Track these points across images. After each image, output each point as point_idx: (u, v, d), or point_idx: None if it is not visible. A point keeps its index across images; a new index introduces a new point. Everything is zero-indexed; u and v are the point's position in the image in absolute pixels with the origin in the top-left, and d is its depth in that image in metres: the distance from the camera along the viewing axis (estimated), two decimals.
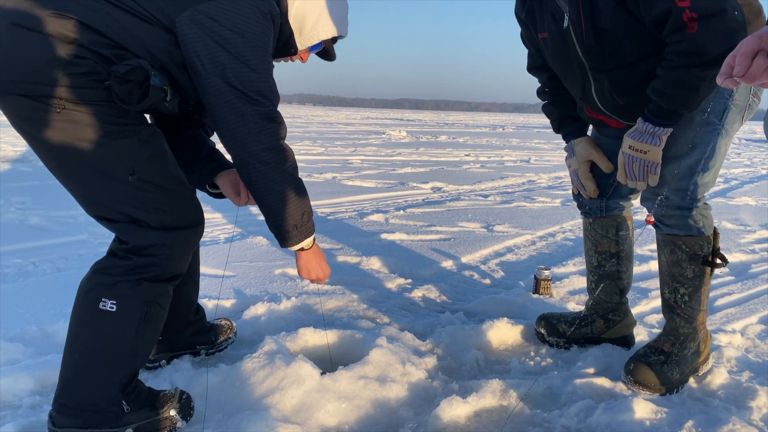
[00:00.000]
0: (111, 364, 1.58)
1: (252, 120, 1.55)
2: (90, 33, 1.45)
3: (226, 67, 1.52)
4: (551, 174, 8.69)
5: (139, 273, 1.59)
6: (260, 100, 1.56)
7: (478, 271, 3.39)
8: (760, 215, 5.28)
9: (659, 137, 1.81)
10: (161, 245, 1.60)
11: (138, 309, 1.60)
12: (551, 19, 1.98)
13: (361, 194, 6.14)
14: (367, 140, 15.26)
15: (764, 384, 2.04)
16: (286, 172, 1.63)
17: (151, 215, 1.58)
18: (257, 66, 1.56)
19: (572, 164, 2.27)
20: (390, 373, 1.90)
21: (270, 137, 1.58)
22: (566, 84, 2.13)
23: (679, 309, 2.00)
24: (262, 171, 1.60)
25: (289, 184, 1.64)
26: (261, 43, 1.58)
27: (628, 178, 1.92)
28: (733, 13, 1.64)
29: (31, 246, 3.54)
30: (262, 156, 1.58)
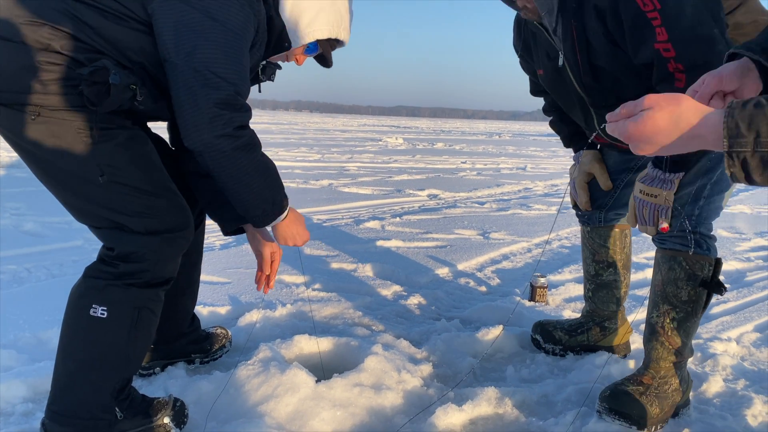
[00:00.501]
0: (103, 371, 1.57)
1: (205, 105, 1.45)
2: (64, 38, 1.45)
3: (194, 49, 1.46)
4: (547, 181, 8.71)
5: (127, 279, 1.58)
6: (220, 83, 1.46)
7: (474, 279, 3.39)
8: (756, 223, 5.30)
9: (671, 182, 1.74)
10: (146, 251, 1.58)
11: (129, 314, 1.58)
12: (545, 56, 1.97)
13: (358, 201, 6.14)
14: (364, 147, 15.27)
15: (760, 392, 2.04)
16: (246, 159, 1.54)
17: (134, 220, 1.56)
18: (226, 50, 1.49)
19: (573, 173, 2.27)
20: (385, 381, 1.89)
21: (225, 124, 1.47)
22: (569, 114, 2.11)
23: (664, 336, 1.85)
24: (218, 159, 1.51)
25: (251, 170, 1.56)
26: (234, 28, 1.51)
27: (638, 223, 1.83)
28: (721, 63, 1.61)
29: (25, 252, 3.52)
30: (216, 144, 1.47)
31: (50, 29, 1.44)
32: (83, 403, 1.56)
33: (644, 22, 1.64)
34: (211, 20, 1.48)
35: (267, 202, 1.64)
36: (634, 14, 1.64)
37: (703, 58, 1.60)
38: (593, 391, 1.96)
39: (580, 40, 1.78)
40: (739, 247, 4.31)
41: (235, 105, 1.50)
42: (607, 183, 2.19)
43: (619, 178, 2.19)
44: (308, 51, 1.80)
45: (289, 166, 9.32)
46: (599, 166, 2.18)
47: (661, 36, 1.62)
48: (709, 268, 1.81)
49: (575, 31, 1.78)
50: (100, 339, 1.57)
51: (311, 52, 1.81)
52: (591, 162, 2.20)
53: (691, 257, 1.81)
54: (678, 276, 1.82)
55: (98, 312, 1.55)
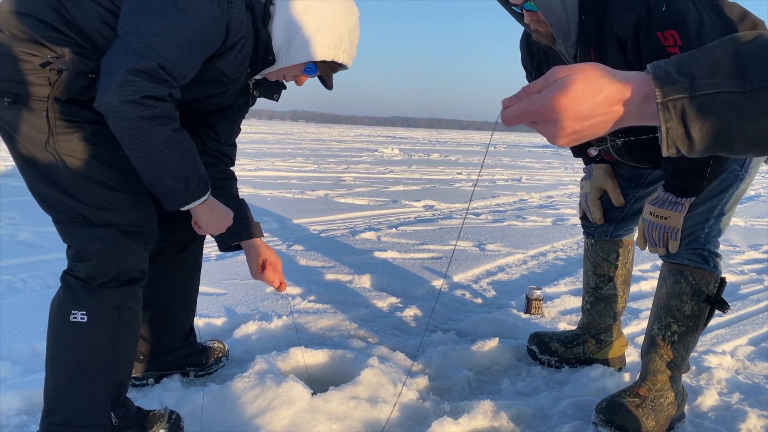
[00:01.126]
0: (93, 375, 1.57)
1: (118, 69, 1.39)
2: (46, 29, 1.47)
3: (140, 24, 1.44)
4: (542, 193, 8.74)
5: (98, 279, 1.57)
6: (145, 52, 1.40)
7: (469, 291, 3.39)
8: (750, 236, 5.33)
9: (682, 204, 1.76)
10: (101, 245, 1.56)
11: (109, 315, 1.58)
12: None
13: (354, 212, 6.14)
14: (360, 157, 15.30)
15: (754, 406, 2.05)
16: (153, 131, 1.44)
17: (93, 211, 1.55)
18: (172, 31, 1.45)
19: (584, 187, 2.28)
20: (381, 394, 1.89)
21: (133, 91, 1.39)
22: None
23: (663, 349, 1.86)
24: (122, 125, 1.42)
25: (160, 143, 1.46)
26: (193, 20, 1.48)
27: (648, 244, 1.85)
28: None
29: (20, 262, 3.51)
30: (121, 109, 1.39)
31: (33, 20, 1.47)
32: (77, 411, 1.55)
33: (664, 56, 1.63)
34: (173, 8, 1.47)
35: (179, 181, 1.53)
36: (654, 47, 1.64)
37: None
38: (589, 404, 1.96)
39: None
40: (734, 260, 4.34)
41: (154, 75, 1.43)
42: (620, 199, 2.20)
43: (630, 193, 2.20)
44: (308, 72, 1.74)
45: (285, 176, 9.33)
46: (612, 182, 2.19)
47: None
48: (715, 284, 1.83)
49: (594, 57, 1.78)
50: (84, 344, 1.57)
51: (311, 73, 1.75)
52: (603, 177, 2.21)
53: (698, 272, 1.82)
54: (683, 290, 1.83)
55: (78, 317, 1.55)
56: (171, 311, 2.05)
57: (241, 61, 1.68)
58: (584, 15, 1.76)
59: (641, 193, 2.18)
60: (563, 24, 1.77)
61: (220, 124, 1.96)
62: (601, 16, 1.73)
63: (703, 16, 1.61)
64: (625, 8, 1.68)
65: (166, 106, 1.46)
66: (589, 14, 1.75)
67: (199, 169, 1.57)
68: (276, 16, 1.67)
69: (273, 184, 8.12)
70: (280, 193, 7.33)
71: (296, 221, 5.40)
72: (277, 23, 1.67)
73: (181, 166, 1.52)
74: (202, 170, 1.59)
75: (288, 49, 1.68)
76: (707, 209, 1.81)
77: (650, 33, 1.63)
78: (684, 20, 1.60)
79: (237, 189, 2.04)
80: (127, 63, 1.39)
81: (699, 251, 1.83)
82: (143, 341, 2.02)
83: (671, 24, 1.61)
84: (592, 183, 2.24)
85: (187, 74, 1.52)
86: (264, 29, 1.66)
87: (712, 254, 1.84)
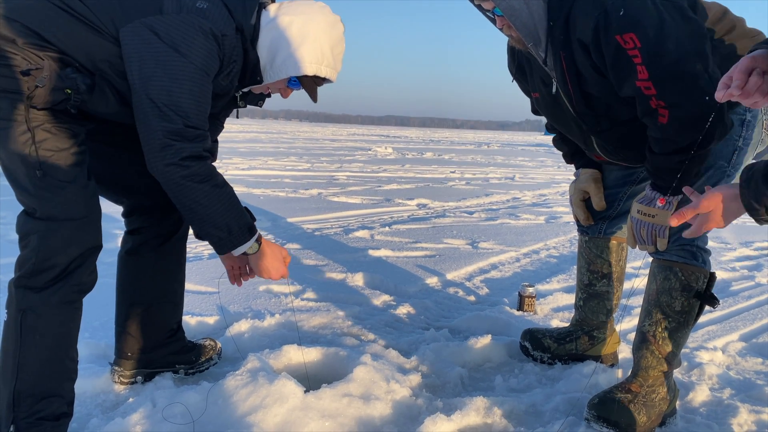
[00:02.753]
0: (4, 379, 1.58)
1: (156, 136, 1.57)
2: (30, 36, 1.52)
3: (150, 79, 1.56)
4: (535, 191, 8.76)
5: (19, 270, 1.60)
6: (172, 116, 1.57)
7: (462, 288, 3.39)
8: (740, 233, 5.36)
9: (669, 203, 1.76)
10: (34, 234, 1.58)
11: (15, 317, 1.59)
12: (540, 82, 1.98)
13: (347, 210, 6.14)
14: (353, 156, 15.29)
15: (745, 401, 2.06)
16: (196, 188, 1.62)
17: (41, 204, 1.58)
18: (183, 82, 1.58)
19: (570, 189, 2.30)
20: (374, 391, 1.89)
21: (173, 154, 1.58)
22: (568, 136, 2.12)
23: (654, 345, 1.86)
24: (169, 187, 1.63)
25: (202, 198, 1.64)
26: (195, 61, 1.59)
27: (637, 242, 1.86)
28: (704, 99, 1.59)
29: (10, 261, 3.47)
30: (166, 172, 1.60)
31: (20, 26, 1.52)
32: None
33: (625, 59, 1.64)
34: (175, 52, 1.56)
35: (222, 230, 1.70)
36: (615, 51, 1.65)
37: (684, 95, 1.61)
38: (581, 400, 1.97)
39: (570, 70, 1.79)
40: (725, 257, 4.36)
41: (186, 136, 1.60)
42: (600, 203, 2.21)
43: (621, 191, 2.21)
44: (291, 85, 1.82)
45: (278, 175, 9.31)
46: (595, 186, 2.21)
47: (642, 74, 1.63)
48: (704, 280, 1.84)
49: (564, 61, 1.78)
50: (2, 345, 1.60)
51: (295, 86, 1.82)
52: (587, 181, 2.22)
53: (687, 268, 1.83)
54: (673, 286, 1.84)
55: (3, 316, 1.61)
56: (155, 306, 2.04)
57: (230, 81, 1.77)
58: (552, 20, 1.76)
59: (632, 191, 2.19)
60: (530, 29, 1.78)
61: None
62: (566, 20, 1.74)
63: (665, 18, 1.62)
64: (585, 13, 1.68)
65: (203, 164, 1.64)
66: (556, 19, 1.75)
67: (240, 218, 1.73)
68: (261, 35, 1.75)
69: (266, 183, 8.10)
70: (273, 192, 7.32)
71: (290, 220, 5.39)
72: (262, 41, 1.75)
73: (221, 216, 1.68)
74: (245, 218, 1.75)
75: (272, 65, 1.76)
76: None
77: (609, 37, 1.64)
78: (642, 23, 1.61)
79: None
80: (158, 127, 1.56)
81: (687, 247, 1.84)
82: (129, 336, 2.02)
83: (629, 27, 1.61)
84: (576, 185, 2.26)
85: (206, 112, 1.67)
86: (253, 50, 1.75)
87: (700, 250, 1.85)
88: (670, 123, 1.64)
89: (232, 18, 1.67)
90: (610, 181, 2.23)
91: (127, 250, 2.02)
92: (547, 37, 1.79)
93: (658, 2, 1.64)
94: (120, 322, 2.03)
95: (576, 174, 2.30)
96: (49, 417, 1.59)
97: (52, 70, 1.53)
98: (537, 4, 1.75)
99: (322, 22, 1.75)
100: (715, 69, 1.63)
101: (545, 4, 1.76)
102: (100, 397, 1.95)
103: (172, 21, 1.58)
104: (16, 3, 1.55)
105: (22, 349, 1.57)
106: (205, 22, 1.60)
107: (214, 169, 1.69)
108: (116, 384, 2.02)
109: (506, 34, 1.89)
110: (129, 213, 2.01)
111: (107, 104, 1.65)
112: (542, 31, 1.78)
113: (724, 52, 1.74)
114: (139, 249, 2.00)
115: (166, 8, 1.61)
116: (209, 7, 1.64)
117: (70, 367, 1.66)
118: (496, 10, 1.78)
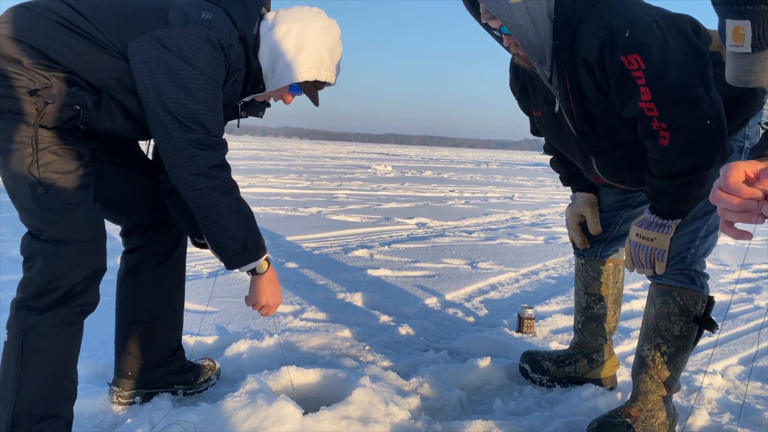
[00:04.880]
0: (3, 400, 1.57)
1: (182, 146, 1.60)
2: (37, 56, 1.54)
3: (165, 93, 1.58)
4: (534, 211, 8.78)
5: (21, 293, 1.59)
6: (193, 126, 1.60)
7: (462, 309, 3.39)
8: (740, 255, 5.36)
9: (668, 226, 1.77)
10: (39, 257, 1.58)
11: (16, 337, 1.58)
12: (543, 101, 1.99)
13: (346, 229, 6.14)
14: (353, 174, 15.33)
15: (745, 426, 2.05)
16: (220, 200, 1.66)
17: (47, 227, 1.58)
18: (197, 93, 1.60)
19: (566, 213, 2.31)
20: (373, 414, 1.88)
21: (200, 163, 1.62)
22: (568, 156, 2.13)
23: (653, 369, 1.87)
24: (194, 196, 1.65)
25: (224, 210, 1.67)
26: (206, 71, 1.61)
27: (635, 266, 1.86)
28: (705, 122, 1.60)
29: (10, 279, 3.48)
30: (192, 181, 1.62)
31: (26, 46, 1.54)
32: None
33: (629, 80, 1.66)
34: (184, 63, 1.58)
35: (237, 243, 1.72)
36: (619, 72, 1.67)
37: (685, 118, 1.62)
38: (580, 423, 1.96)
39: (573, 89, 1.80)
40: (724, 279, 4.36)
41: (209, 144, 1.64)
42: (596, 228, 2.22)
43: (618, 214, 2.22)
44: (293, 90, 1.85)
45: (278, 193, 9.33)
46: (591, 210, 2.22)
47: (645, 95, 1.64)
48: (702, 304, 1.84)
49: (568, 80, 1.80)
50: (2, 365, 1.59)
51: (296, 92, 1.85)
52: (584, 205, 2.24)
53: (685, 293, 1.83)
54: (671, 311, 1.84)
55: (4, 336, 1.60)
56: (155, 324, 2.04)
57: (234, 90, 1.79)
58: (558, 40, 1.79)
59: (629, 215, 2.20)
60: (537, 48, 1.80)
61: None
62: (571, 40, 1.76)
63: (669, 41, 1.64)
64: (591, 33, 1.71)
65: (227, 174, 1.68)
66: (562, 38, 1.78)
67: (255, 234, 1.76)
68: (262, 44, 1.78)
69: (266, 201, 8.11)
70: (273, 210, 7.33)
71: (289, 238, 5.40)
72: (263, 50, 1.78)
73: (240, 230, 1.71)
74: (259, 235, 1.78)
75: (272, 74, 1.79)
76: (693, 230, 1.83)
77: (614, 57, 1.66)
78: (647, 45, 1.63)
79: None
80: (182, 138, 1.59)
81: (686, 272, 1.84)
82: (129, 356, 2.01)
83: (635, 48, 1.63)
84: (573, 209, 2.28)
85: (222, 121, 1.69)
86: (255, 59, 1.78)
87: (698, 274, 1.86)
88: (671, 145, 1.65)
89: (235, 28, 1.69)
90: (607, 205, 2.24)
91: (126, 269, 2.02)
92: (553, 56, 1.81)
93: (663, 26, 1.66)
94: (120, 342, 2.03)
95: (572, 197, 2.31)
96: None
97: (60, 87, 1.55)
98: (544, 23, 1.78)
99: (318, 27, 1.79)
100: (716, 94, 1.65)
101: (552, 24, 1.79)
102: (98, 418, 1.94)
103: (180, 33, 1.60)
104: (21, 23, 1.56)
105: (23, 371, 1.57)
106: (212, 33, 1.63)
107: (235, 182, 1.72)
108: (114, 404, 2.01)
109: (512, 52, 1.91)
110: (128, 232, 2.01)
111: (113, 121, 1.67)
112: (548, 49, 1.81)
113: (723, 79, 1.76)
114: (138, 268, 2.00)
115: (172, 20, 1.63)
116: (214, 17, 1.66)
117: (69, 389, 1.66)
118: (504, 29, 1.81)
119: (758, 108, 1.80)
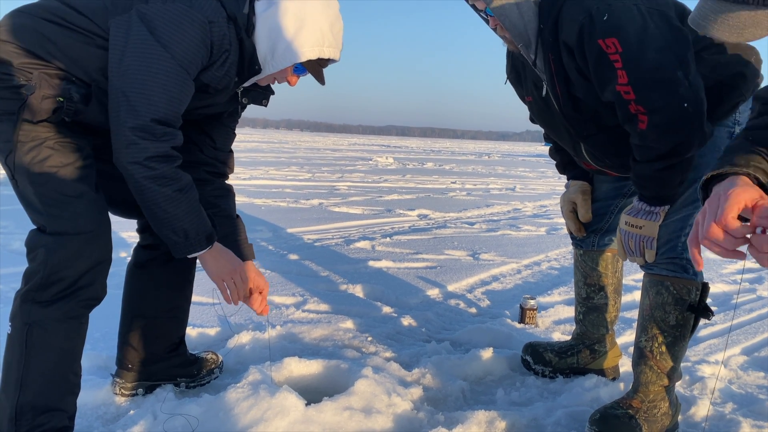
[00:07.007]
0: (6, 393, 1.57)
1: (122, 132, 1.53)
2: (26, 55, 1.55)
3: (128, 71, 1.52)
4: (536, 202, 8.77)
5: (24, 286, 1.59)
6: (141, 111, 1.53)
7: (464, 300, 3.39)
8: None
9: (656, 213, 1.77)
10: (42, 248, 1.58)
11: (20, 330, 1.58)
12: (533, 86, 1.99)
13: (348, 221, 6.14)
14: (354, 166, 15.32)
15: (747, 416, 2.05)
16: (156, 191, 1.59)
17: (49, 220, 1.59)
18: (159, 77, 1.54)
19: (560, 201, 2.31)
20: (375, 404, 1.88)
21: (138, 153, 1.54)
22: (558, 141, 2.13)
23: (653, 360, 1.86)
24: (131, 183, 1.59)
25: (161, 201, 1.60)
26: (176, 55, 1.55)
27: (627, 254, 1.86)
28: (682, 105, 1.60)
29: (12, 271, 3.48)
30: (128, 169, 1.56)
31: (15, 47, 1.55)
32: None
33: (607, 63, 1.66)
34: (160, 46, 1.53)
35: (178, 235, 1.66)
36: (597, 55, 1.67)
37: (662, 101, 1.62)
38: (583, 414, 1.97)
39: (559, 73, 1.80)
40: (726, 270, 4.35)
41: (153, 133, 1.55)
42: (587, 215, 2.21)
43: (613, 203, 2.22)
44: (297, 71, 1.76)
45: (279, 185, 9.33)
46: (582, 198, 2.22)
47: (622, 79, 1.64)
48: (696, 292, 1.83)
49: (553, 64, 1.80)
50: (5, 358, 1.59)
51: (300, 72, 1.77)
52: (575, 192, 2.23)
53: (678, 282, 1.83)
54: (666, 300, 1.84)
55: (8, 329, 1.60)
56: (160, 320, 2.04)
57: (224, 73, 1.71)
58: (542, 23, 1.79)
59: (623, 203, 2.20)
60: (520, 30, 1.80)
61: (215, 130, 1.99)
62: (554, 23, 1.76)
63: (648, 24, 1.63)
64: (571, 17, 1.71)
65: (168, 166, 1.59)
66: (546, 21, 1.78)
67: (200, 224, 1.69)
68: (258, 25, 1.70)
69: (267, 193, 8.11)
70: (275, 202, 7.32)
71: (290, 230, 5.40)
72: (260, 32, 1.70)
73: (180, 221, 1.65)
74: (205, 226, 1.71)
75: (273, 55, 1.71)
76: (683, 217, 1.81)
77: (593, 41, 1.66)
78: (624, 28, 1.63)
79: (234, 206, 2.04)
80: (125, 122, 1.53)
81: (677, 260, 1.83)
82: (131, 349, 2.01)
83: (612, 32, 1.63)
84: (566, 197, 2.27)
85: (180, 110, 1.62)
86: (248, 39, 1.70)
87: (690, 262, 1.84)
88: (649, 129, 1.65)
89: (222, 7, 1.63)
90: (601, 194, 2.24)
91: (135, 262, 2.03)
92: (537, 39, 1.81)
93: (644, 9, 1.66)
94: (123, 333, 2.03)
95: (567, 185, 2.31)
96: (50, 431, 1.59)
97: (41, 80, 1.54)
98: (528, 6, 1.78)
99: (316, 3, 1.70)
100: (696, 77, 1.64)
101: (536, 7, 1.79)
102: (101, 409, 1.95)
103: (159, 10, 1.55)
104: (12, 25, 1.57)
105: (27, 364, 1.57)
106: (192, 11, 1.57)
107: (179, 172, 1.63)
108: (117, 396, 2.01)
109: (499, 35, 1.91)
110: (143, 229, 2.01)
111: (105, 113, 1.63)
112: (532, 33, 1.81)
113: (712, 63, 1.75)
114: (148, 263, 2.00)
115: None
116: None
117: (73, 382, 1.66)
118: (488, 11, 1.80)
119: (749, 94, 1.79)
